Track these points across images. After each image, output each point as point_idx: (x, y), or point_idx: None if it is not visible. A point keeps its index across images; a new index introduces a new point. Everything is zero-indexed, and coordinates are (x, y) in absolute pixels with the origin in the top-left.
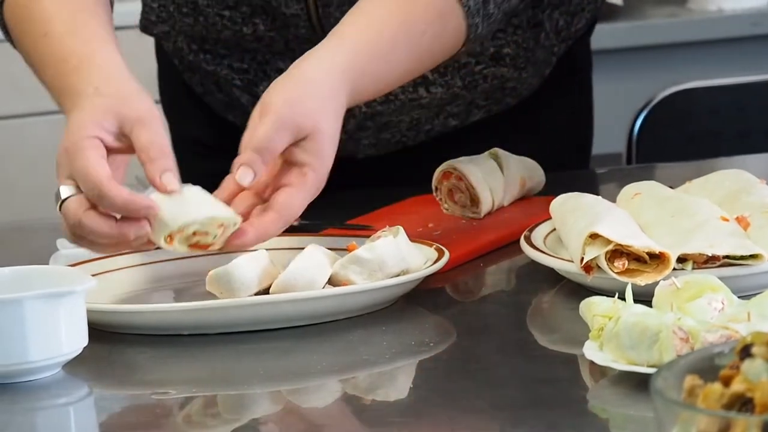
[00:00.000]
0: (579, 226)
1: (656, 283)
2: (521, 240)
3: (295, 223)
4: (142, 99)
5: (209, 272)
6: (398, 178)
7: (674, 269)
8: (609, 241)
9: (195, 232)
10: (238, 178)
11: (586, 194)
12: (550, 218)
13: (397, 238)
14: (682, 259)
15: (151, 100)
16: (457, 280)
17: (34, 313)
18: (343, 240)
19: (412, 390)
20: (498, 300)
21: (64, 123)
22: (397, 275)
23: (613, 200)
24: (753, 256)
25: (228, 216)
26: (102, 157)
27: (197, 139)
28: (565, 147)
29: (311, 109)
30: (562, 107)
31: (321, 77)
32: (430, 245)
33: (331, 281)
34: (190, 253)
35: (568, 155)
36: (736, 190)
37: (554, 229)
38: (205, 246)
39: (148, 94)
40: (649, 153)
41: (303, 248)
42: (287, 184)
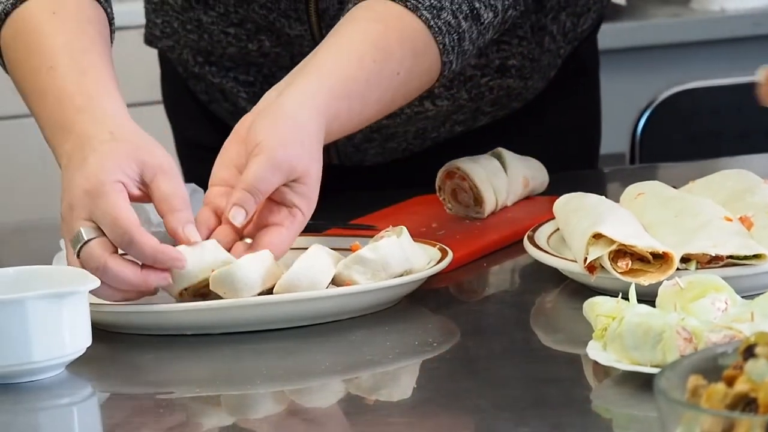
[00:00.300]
0: (582, 226)
1: (660, 283)
2: (525, 240)
3: None
4: (158, 148)
5: (213, 272)
6: (404, 181)
7: (678, 269)
8: (612, 241)
9: (206, 285)
10: (230, 217)
11: (590, 194)
12: (553, 218)
13: (401, 238)
14: (685, 259)
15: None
16: (461, 280)
17: (38, 313)
18: (347, 240)
19: (415, 390)
20: (501, 300)
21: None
22: (401, 275)
23: (617, 200)
24: (756, 256)
25: None
26: (127, 201)
27: (201, 144)
28: (572, 148)
29: (303, 152)
30: (569, 108)
31: (305, 119)
32: (434, 245)
33: (335, 281)
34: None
35: (575, 156)
36: (740, 190)
37: (557, 229)
38: (207, 294)
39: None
40: (652, 153)
41: (306, 248)
42: (276, 223)
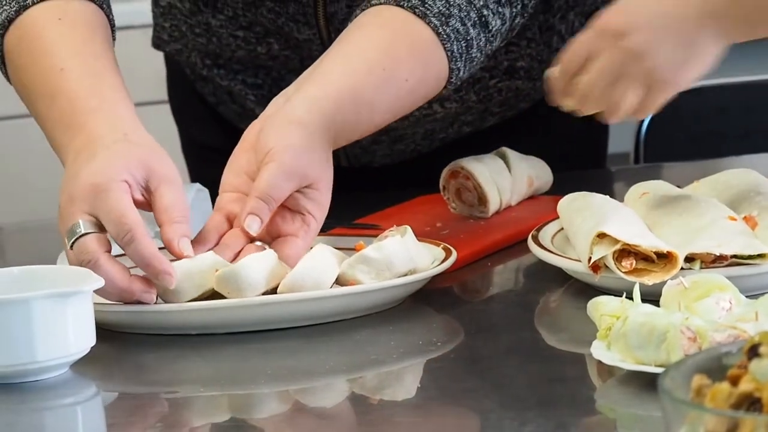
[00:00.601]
0: (586, 225)
1: (664, 282)
2: (529, 239)
3: None
4: (168, 158)
5: (217, 272)
6: (411, 181)
7: (682, 269)
8: (617, 241)
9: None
10: (246, 226)
11: (594, 194)
12: (557, 218)
13: (405, 238)
14: (689, 259)
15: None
16: (465, 280)
17: (42, 312)
18: (351, 239)
19: (419, 390)
20: (505, 299)
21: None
22: (405, 275)
23: (621, 200)
24: (761, 256)
25: None
26: (131, 202)
27: (208, 146)
28: (580, 148)
29: (314, 158)
30: None
31: (314, 125)
32: (438, 245)
33: (339, 281)
34: None
35: (583, 157)
36: (744, 189)
37: (562, 229)
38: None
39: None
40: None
41: (311, 248)
42: (291, 233)
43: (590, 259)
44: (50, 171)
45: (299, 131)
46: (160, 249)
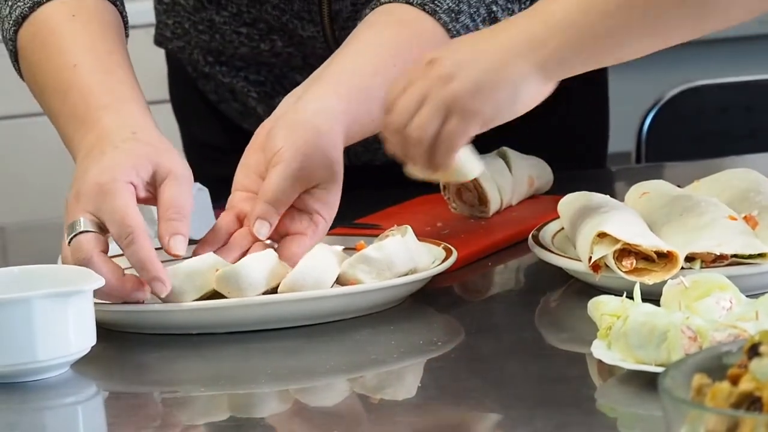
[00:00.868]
0: (587, 225)
1: (664, 282)
2: (529, 239)
3: None
4: (178, 155)
5: (217, 272)
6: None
7: (682, 268)
8: (617, 240)
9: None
10: (255, 231)
11: (594, 193)
12: (558, 217)
13: (405, 238)
14: (690, 258)
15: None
16: (466, 280)
17: (43, 312)
18: (352, 239)
19: (420, 389)
20: (506, 299)
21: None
22: (405, 274)
23: (622, 199)
24: (761, 255)
25: None
26: (135, 203)
27: (209, 144)
28: (581, 148)
29: (323, 158)
30: (578, 108)
31: (324, 125)
32: (438, 244)
33: (339, 280)
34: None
35: (584, 156)
36: (745, 189)
37: (562, 228)
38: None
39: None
40: (657, 152)
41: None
42: (299, 232)
43: (591, 258)
44: (50, 171)
45: (308, 131)
46: (158, 249)
